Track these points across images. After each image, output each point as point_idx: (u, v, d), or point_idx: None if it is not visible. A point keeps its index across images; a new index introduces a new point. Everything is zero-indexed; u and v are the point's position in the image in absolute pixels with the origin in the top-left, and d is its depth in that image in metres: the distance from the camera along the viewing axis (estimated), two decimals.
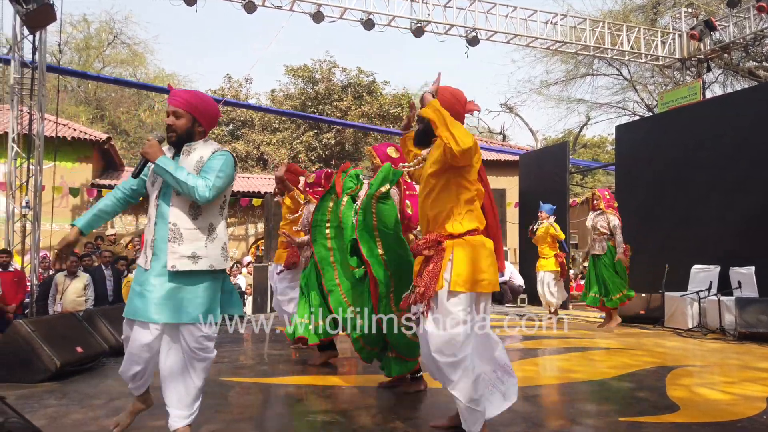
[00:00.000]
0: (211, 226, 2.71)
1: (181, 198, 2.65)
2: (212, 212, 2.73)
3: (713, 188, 8.22)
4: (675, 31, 14.10)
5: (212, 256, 2.69)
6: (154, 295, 2.59)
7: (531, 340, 6.57)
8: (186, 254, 2.62)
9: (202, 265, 2.64)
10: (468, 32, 12.24)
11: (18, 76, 9.84)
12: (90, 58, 27.54)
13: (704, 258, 7.98)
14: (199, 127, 2.76)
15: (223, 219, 2.81)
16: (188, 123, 2.72)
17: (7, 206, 10.11)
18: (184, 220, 2.65)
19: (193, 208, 2.66)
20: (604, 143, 30.77)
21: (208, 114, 2.81)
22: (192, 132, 2.75)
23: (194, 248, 2.64)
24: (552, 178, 11.41)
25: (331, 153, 24.06)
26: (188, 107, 2.72)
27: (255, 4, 10.98)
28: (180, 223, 2.65)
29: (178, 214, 2.66)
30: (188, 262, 2.62)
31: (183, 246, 2.63)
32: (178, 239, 2.63)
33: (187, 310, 2.62)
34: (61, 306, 7.61)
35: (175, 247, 2.62)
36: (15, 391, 3.89)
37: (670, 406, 3.54)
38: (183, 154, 2.74)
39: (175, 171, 2.57)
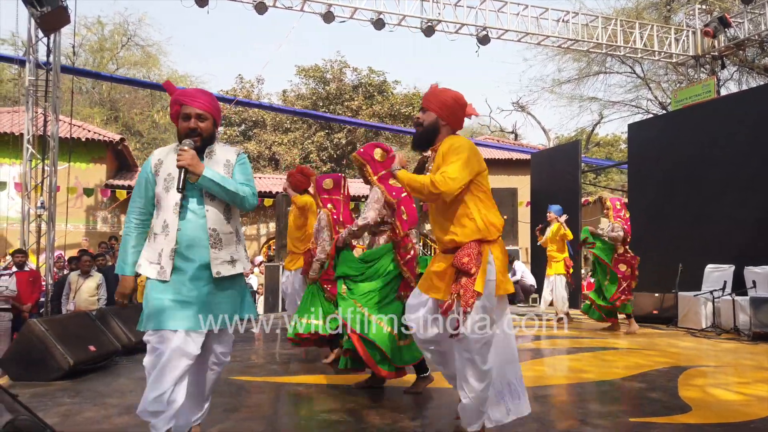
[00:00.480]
0: (238, 230, 2.73)
1: (216, 202, 2.62)
2: (237, 216, 2.76)
3: (727, 186, 8.13)
4: (689, 28, 13.94)
5: (243, 259, 2.73)
6: (198, 303, 2.54)
7: (543, 340, 6.55)
8: (227, 259, 2.63)
9: (238, 268, 2.67)
10: (479, 31, 12.20)
11: (33, 78, 9.96)
12: (104, 60, 27.81)
13: (718, 257, 7.89)
14: (216, 128, 2.76)
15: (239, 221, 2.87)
16: (212, 126, 2.69)
17: (23, 207, 10.24)
18: (221, 224, 2.63)
19: (226, 213, 2.66)
20: (617, 141, 30.53)
21: (220, 114, 2.82)
22: (214, 135, 2.73)
23: (231, 252, 2.65)
24: (564, 177, 11.34)
25: (343, 153, 24.10)
26: (212, 109, 2.68)
27: (266, 5, 11.03)
28: (218, 227, 2.62)
29: (216, 219, 2.62)
30: (229, 267, 2.63)
31: (223, 251, 2.62)
32: (218, 244, 2.61)
33: (225, 315, 2.64)
34: (74, 305, 7.68)
35: (217, 252, 2.60)
36: (29, 389, 3.94)
37: (682, 407, 3.51)
38: (206, 157, 2.67)
39: (223, 182, 2.56)
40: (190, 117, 2.63)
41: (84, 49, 26.69)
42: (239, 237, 2.73)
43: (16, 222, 11.11)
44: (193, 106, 2.63)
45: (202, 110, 2.64)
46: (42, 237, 10.19)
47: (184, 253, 2.56)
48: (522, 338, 6.76)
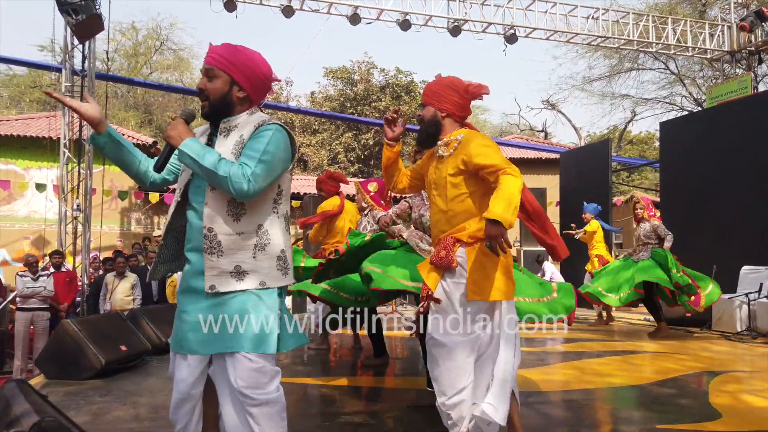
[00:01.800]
0: (261, 229, 2.01)
1: (217, 193, 1.99)
2: (262, 209, 2.02)
3: (764, 185, 7.89)
4: (724, 22, 13.56)
5: (263, 269, 2.00)
6: (191, 320, 2.02)
7: (572, 343, 6.46)
8: (228, 269, 1.97)
9: (249, 283, 1.98)
10: (506, 30, 12.09)
11: (69, 84, 10.26)
12: (138, 65, 28.49)
13: (754, 258, 7.66)
14: (239, 92, 2.05)
15: (281, 218, 2.09)
16: (224, 86, 2.03)
17: (60, 209, 10.56)
18: (222, 222, 1.97)
19: (234, 206, 1.98)
20: (651, 139, 29.89)
21: (252, 73, 2.06)
22: (229, 99, 2.04)
23: (238, 260, 1.97)
24: (594, 177, 11.16)
25: (370, 153, 24.17)
26: (224, 64, 2.02)
27: (293, 9, 11.14)
28: (217, 227, 1.97)
29: (213, 215, 1.98)
30: (231, 280, 1.97)
31: (224, 258, 1.97)
32: (216, 249, 1.96)
33: (233, 337, 1.96)
34: (110, 305, 7.91)
35: (213, 260, 1.96)
36: (63, 387, 4.07)
37: (712, 414, 3.42)
38: (221, 134, 2.06)
39: (200, 156, 1.89)
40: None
41: (119, 54, 27.40)
42: (264, 240, 2.01)
43: (53, 224, 11.45)
44: (204, 62, 2.08)
45: (209, 64, 2.03)
46: (78, 238, 10.49)
47: (189, 257, 2.06)
48: (552, 341, 6.69)
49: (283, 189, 2.10)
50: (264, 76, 2.10)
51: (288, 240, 2.11)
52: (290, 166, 2.10)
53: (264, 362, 1.96)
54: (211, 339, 1.97)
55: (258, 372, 1.95)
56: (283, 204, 2.11)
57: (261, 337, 1.96)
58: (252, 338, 1.95)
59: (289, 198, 2.15)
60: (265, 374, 1.97)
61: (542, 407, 3.63)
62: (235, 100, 2.05)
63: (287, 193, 2.13)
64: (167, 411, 3.46)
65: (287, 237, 2.11)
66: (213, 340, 1.97)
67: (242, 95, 2.06)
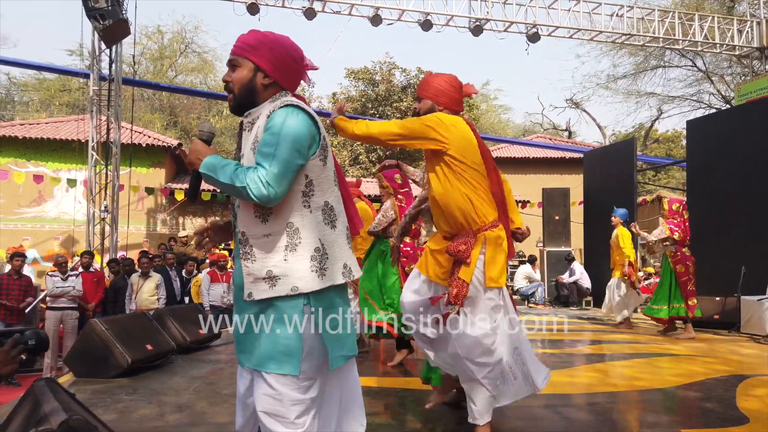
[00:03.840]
0: (292, 228, 1.82)
1: None
2: (289, 206, 1.83)
3: None
4: (753, 18, 13.28)
5: (295, 272, 1.80)
6: (236, 330, 1.93)
7: (596, 345, 6.39)
8: (261, 275, 1.81)
9: (281, 288, 1.79)
10: (528, 28, 12.01)
11: (96, 89, 10.48)
12: (164, 68, 28.96)
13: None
14: (264, 79, 1.88)
15: (316, 211, 1.86)
16: (248, 73, 1.88)
17: (88, 210, 10.80)
18: (251, 225, 1.84)
19: (260, 207, 1.81)
20: (678, 138, 29.36)
21: (277, 57, 1.89)
22: (253, 87, 1.88)
23: (270, 264, 1.80)
24: (619, 176, 11.02)
25: (392, 153, 24.18)
26: (246, 50, 1.88)
27: (315, 11, 11.22)
28: (248, 230, 1.84)
29: (244, 218, 1.86)
30: (264, 287, 1.80)
31: (257, 263, 1.81)
32: (250, 255, 1.83)
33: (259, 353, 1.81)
34: (135, 305, 8.05)
35: (249, 266, 1.83)
36: (91, 386, 4.16)
37: (739, 419, 3.36)
38: (245, 129, 1.92)
39: (217, 172, 1.76)
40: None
41: (145, 58, 27.89)
42: (295, 240, 1.81)
43: (82, 224, 11.71)
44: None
45: (233, 55, 1.91)
46: (105, 238, 10.71)
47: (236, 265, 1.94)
48: (579, 342, 6.63)
49: (313, 178, 1.85)
50: (292, 59, 1.93)
51: (331, 234, 1.87)
52: (315, 151, 1.84)
53: (281, 387, 1.75)
54: (249, 351, 1.85)
55: (272, 398, 1.77)
56: (318, 195, 1.86)
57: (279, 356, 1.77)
58: (271, 356, 1.77)
59: (330, 185, 1.90)
60: (282, 402, 1.75)
61: (565, 410, 3.60)
62: (260, 88, 1.89)
63: (323, 181, 1.88)
64: (192, 410, 3.55)
65: (328, 231, 1.86)
66: (250, 353, 1.84)
67: (268, 82, 1.89)
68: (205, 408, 3.61)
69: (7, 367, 1.83)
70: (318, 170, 1.86)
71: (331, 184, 1.91)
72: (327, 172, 1.89)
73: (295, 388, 1.77)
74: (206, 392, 4.04)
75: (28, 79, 28.43)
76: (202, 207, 15.43)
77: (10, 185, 14.07)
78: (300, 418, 1.76)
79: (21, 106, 29.39)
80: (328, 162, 1.90)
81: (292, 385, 1.76)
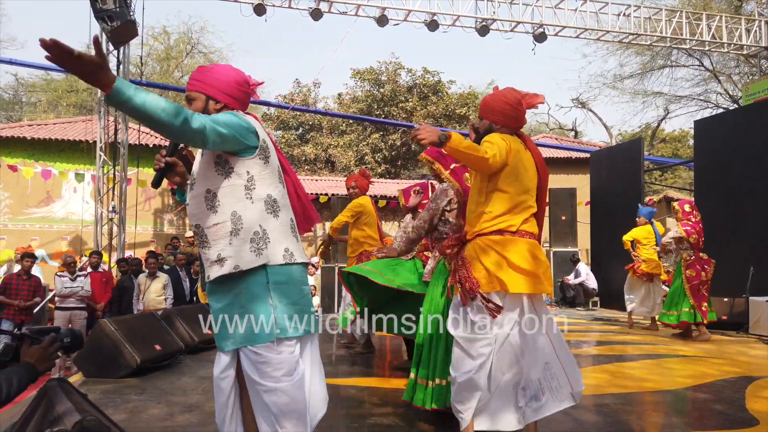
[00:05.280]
0: (236, 216, 2.10)
1: (196, 189, 2.16)
2: (234, 198, 2.11)
3: None
4: (761, 17, 13.20)
5: (236, 253, 2.07)
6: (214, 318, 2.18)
7: (604, 346, 6.37)
8: (213, 258, 2.11)
9: (226, 267, 2.08)
10: (535, 28, 11.98)
11: None
12: (170, 68, 29.03)
13: None
14: (216, 105, 2.20)
15: (257, 202, 2.13)
16: (201, 104, 2.20)
17: (96, 210, 10.85)
18: (203, 216, 2.13)
19: (209, 200, 2.12)
20: (685, 137, 29.22)
21: (222, 84, 2.21)
22: (207, 113, 2.17)
23: (219, 248, 2.10)
24: (626, 176, 10.98)
25: (398, 154, 24.19)
26: (196, 86, 2.20)
27: (321, 11, 11.23)
28: (202, 221, 2.14)
29: (196, 212, 2.16)
30: (216, 267, 2.10)
31: (212, 249, 2.11)
32: (206, 243, 2.14)
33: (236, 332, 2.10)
34: (143, 305, 8.08)
35: (205, 252, 2.14)
36: (100, 385, 4.19)
37: (749, 420, 3.35)
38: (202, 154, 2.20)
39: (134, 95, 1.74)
40: None
41: (152, 58, 27.97)
42: (237, 226, 2.09)
43: (90, 224, 11.77)
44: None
45: (187, 90, 2.24)
46: (113, 239, 10.76)
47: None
48: (583, 343, 6.61)
49: (254, 174, 2.13)
50: (236, 82, 2.24)
51: (272, 221, 2.14)
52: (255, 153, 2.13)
53: (265, 352, 2.04)
54: (228, 336, 2.11)
55: (261, 363, 2.05)
56: (259, 189, 2.14)
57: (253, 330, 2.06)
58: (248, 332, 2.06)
59: (273, 181, 2.19)
60: (269, 364, 2.05)
61: (573, 412, 3.58)
62: (212, 112, 2.17)
63: (265, 177, 2.16)
64: (201, 410, 3.56)
65: (270, 219, 2.14)
66: (230, 337, 2.11)
67: (219, 107, 2.20)
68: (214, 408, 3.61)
69: (44, 364, 1.91)
70: (259, 168, 2.15)
71: (275, 181, 2.21)
72: (269, 170, 2.18)
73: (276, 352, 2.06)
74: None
75: (35, 80, 28.62)
76: None
77: (19, 186, 14.15)
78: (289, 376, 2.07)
79: (28, 106, 29.56)
80: (270, 162, 2.20)
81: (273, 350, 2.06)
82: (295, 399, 2.06)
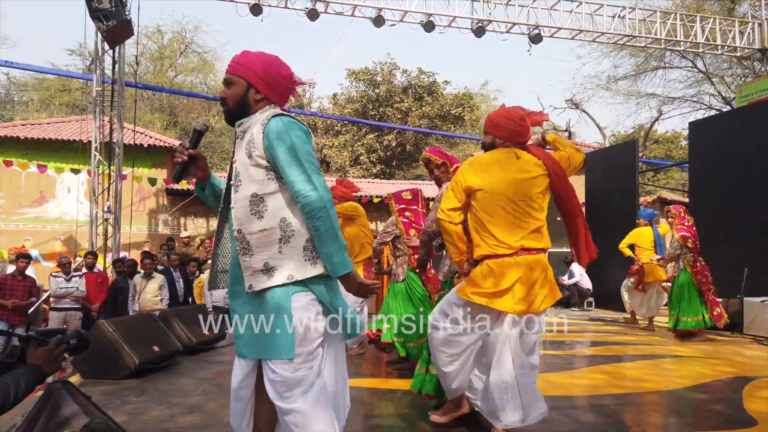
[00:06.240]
0: (285, 222, 1.98)
1: (240, 194, 2.02)
2: (282, 203, 2.00)
3: None
4: (755, 19, 13.30)
5: (289, 262, 1.96)
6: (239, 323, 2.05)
7: (601, 346, 6.40)
8: (258, 267, 1.97)
9: (278, 278, 1.95)
10: (531, 30, 12.02)
11: (99, 89, 10.47)
12: (164, 68, 28.92)
13: None
14: (256, 95, 2.09)
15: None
16: (240, 90, 2.08)
17: (91, 211, 10.80)
18: (247, 221, 1.99)
19: (256, 205, 1.98)
20: (677, 138, 29.40)
21: (267, 74, 2.10)
22: (245, 102, 2.09)
23: (266, 257, 1.96)
24: (620, 178, 11.03)
25: (392, 154, 24.21)
26: (239, 70, 2.09)
27: (317, 12, 11.22)
28: (245, 227, 2.00)
29: (240, 216, 2.01)
30: (262, 278, 1.96)
31: (255, 257, 1.97)
32: (247, 250, 1.99)
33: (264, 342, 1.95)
34: (138, 306, 8.05)
35: (247, 260, 1.99)
36: (99, 387, 4.17)
37: (747, 421, 3.37)
38: (238, 137, 2.11)
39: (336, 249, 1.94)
40: None
41: (145, 58, 27.84)
42: (288, 233, 1.97)
43: (84, 225, 11.71)
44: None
45: (228, 74, 2.12)
46: (108, 239, 10.71)
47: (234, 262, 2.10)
48: (580, 344, 6.64)
49: None
50: (281, 76, 2.13)
51: None
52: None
53: (281, 371, 1.91)
54: (253, 343, 1.97)
55: (277, 382, 1.92)
56: None
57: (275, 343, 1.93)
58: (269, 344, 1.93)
59: None
60: (284, 384, 1.91)
61: (572, 412, 3.61)
62: (252, 102, 2.10)
63: None
64: (202, 411, 3.56)
65: None
66: (254, 344, 1.97)
67: (259, 97, 2.10)
68: (215, 409, 3.62)
69: (51, 366, 1.90)
70: None
71: None
72: None
73: (294, 370, 1.91)
74: (215, 393, 4.05)
75: (27, 79, 28.37)
76: (204, 208, 15.42)
77: (12, 186, 14.05)
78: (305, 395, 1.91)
79: (21, 105, 29.34)
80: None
81: (290, 368, 1.91)
82: (314, 417, 1.92)
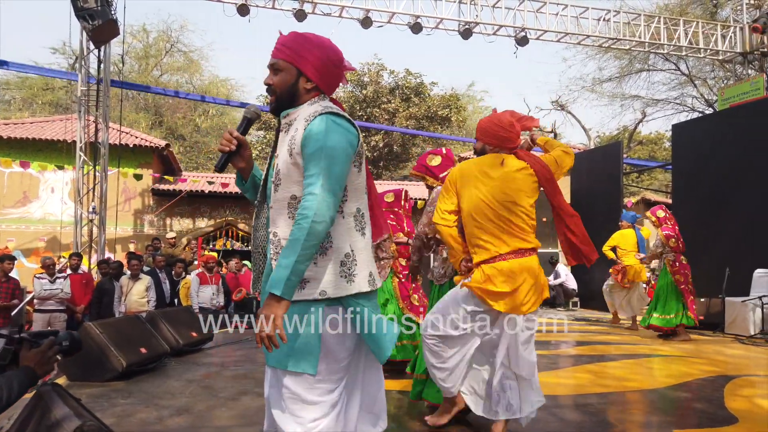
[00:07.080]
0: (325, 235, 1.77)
1: (281, 192, 1.82)
2: None
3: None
4: (736, 23, 13.51)
5: (323, 276, 1.76)
6: None
7: (585, 346, 6.48)
8: None
9: (309, 291, 1.75)
10: (517, 32, 12.11)
11: (84, 89, 10.38)
12: (149, 67, 28.68)
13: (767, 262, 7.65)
14: (306, 83, 1.87)
15: (348, 217, 1.83)
16: (290, 78, 1.86)
17: (76, 211, 10.69)
18: (283, 226, 1.80)
19: (293, 208, 1.78)
20: (661, 140, 29.76)
21: (320, 62, 1.87)
22: (295, 91, 1.87)
23: None
24: (605, 179, 11.16)
25: (380, 155, 24.24)
26: (289, 55, 1.86)
27: (305, 12, 11.21)
28: (279, 231, 1.80)
29: (276, 218, 1.83)
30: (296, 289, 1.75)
31: None
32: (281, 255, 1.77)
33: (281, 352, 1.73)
34: (125, 307, 7.99)
35: None
36: (86, 389, 4.15)
37: (728, 419, 3.45)
38: (283, 130, 1.89)
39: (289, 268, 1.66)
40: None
41: (130, 57, 27.58)
42: (326, 244, 1.76)
43: (68, 225, 11.59)
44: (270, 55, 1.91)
45: (274, 58, 1.88)
46: (93, 240, 10.61)
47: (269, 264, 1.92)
48: (564, 343, 6.71)
49: (348, 184, 1.81)
50: (333, 63, 1.90)
51: (360, 241, 1.84)
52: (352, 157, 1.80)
53: (295, 387, 1.73)
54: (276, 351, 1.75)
55: (287, 398, 1.74)
56: (351, 201, 1.83)
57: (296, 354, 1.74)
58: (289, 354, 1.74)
59: (362, 192, 1.88)
60: (296, 401, 1.73)
61: (557, 411, 3.66)
62: (302, 92, 1.88)
63: (357, 188, 1.85)
64: (190, 413, 3.55)
65: (357, 238, 1.83)
66: (275, 353, 1.75)
67: (310, 86, 1.88)
68: (203, 411, 3.62)
69: (44, 368, 1.88)
70: (353, 177, 1.83)
71: (363, 192, 1.89)
72: (360, 179, 1.87)
73: (310, 389, 1.73)
74: (203, 395, 4.05)
75: (9, 78, 28.02)
76: (190, 208, 15.34)
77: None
78: (316, 421, 1.72)
79: (2, 104, 28.94)
80: (362, 169, 1.88)
81: (308, 385, 1.73)
82: None
